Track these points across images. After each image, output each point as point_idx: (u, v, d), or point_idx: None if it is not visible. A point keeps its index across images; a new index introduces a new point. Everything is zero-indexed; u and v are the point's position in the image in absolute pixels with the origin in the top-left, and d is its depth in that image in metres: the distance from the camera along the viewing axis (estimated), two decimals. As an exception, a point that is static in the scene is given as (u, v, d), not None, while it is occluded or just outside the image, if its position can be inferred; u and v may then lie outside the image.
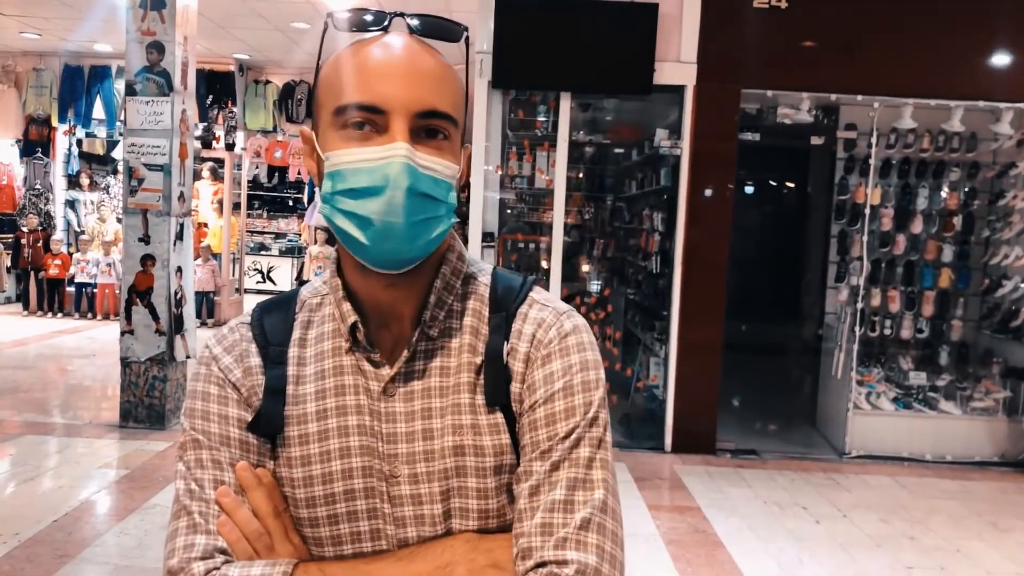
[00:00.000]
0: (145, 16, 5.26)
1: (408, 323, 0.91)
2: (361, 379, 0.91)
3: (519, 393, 0.89)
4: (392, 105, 0.82)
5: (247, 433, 0.90)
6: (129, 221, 5.41)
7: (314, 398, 0.91)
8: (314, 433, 0.90)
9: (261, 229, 12.00)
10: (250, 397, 0.91)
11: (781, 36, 5.35)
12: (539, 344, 0.89)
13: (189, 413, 0.92)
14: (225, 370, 0.92)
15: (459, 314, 0.92)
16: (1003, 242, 5.78)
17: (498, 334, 0.90)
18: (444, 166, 0.84)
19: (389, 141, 0.81)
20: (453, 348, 0.91)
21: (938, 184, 5.88)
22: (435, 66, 0.86)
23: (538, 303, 0.93)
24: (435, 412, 0.89)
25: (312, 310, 0.96)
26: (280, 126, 10.69)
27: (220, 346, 0.94)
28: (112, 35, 8.55)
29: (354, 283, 0.91)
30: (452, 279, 0.93)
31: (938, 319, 5.91)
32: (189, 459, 0.90)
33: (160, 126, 5.31)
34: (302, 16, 7.80)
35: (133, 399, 5.39)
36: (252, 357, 0.93)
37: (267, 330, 0.94)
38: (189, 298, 5.67)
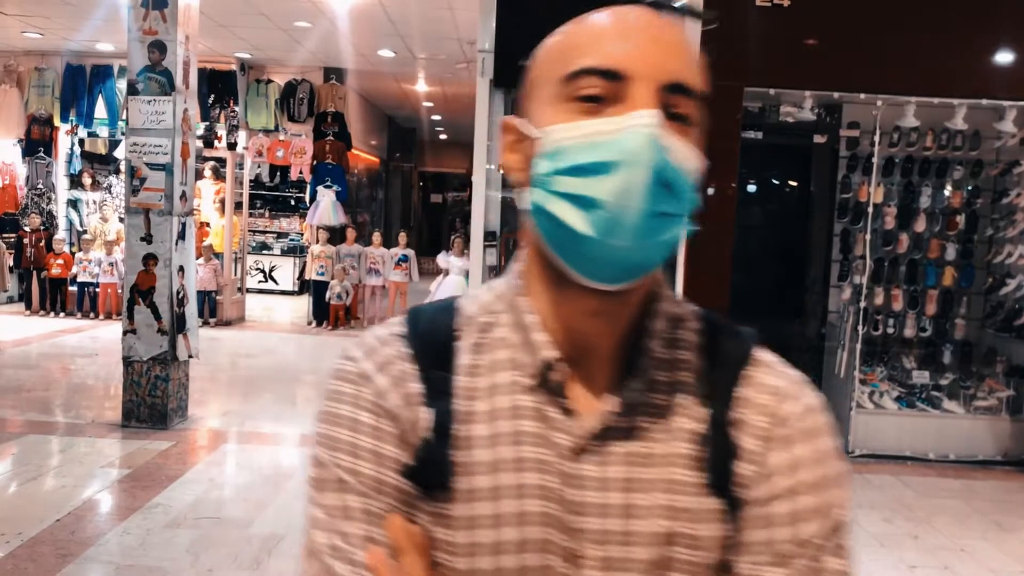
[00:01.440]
0: (147, 15, 5.26)
1: (605, 364, 0.74)
2: (545, 428, 0.73)
3: (748, 477, 0.72)
4: (636, 70, 0.66)
5: (404, 479, 0.73)
6: (131, 220, 5.41)
7: (486, 444, 0.73)
8: (484, 489, 0.72)
9: (263, 228, 12.01)
10: (408, 433, 0.73)
11: (784, 34, 5.34)
12: (777, 419, 0.73)
13: (330, 443, 0.73)
14: (379, 395, 0.74)
15: (668, 364, 0.75)
16: (1007, 240, 5.77)
17: (720, 398, 0.74)
18: (692, 156, 0.68)
19: (632, 109, 0.65)
20: (663, 407, 0.74)
21: (941, 183, 5.87)
22: (682, 35, 0.72)
23: (767, 365, 0.76)
24: (639, 485, 0.72)
25: (482, 330, 0.77)
26: (282, 125, 10.69)
27: (371, 361, 0.75)
28: (114, 34, 8.56)
29: (544, 305, 0.74)
30: (664, 320, 0.76)
31: (941, 318, 5.90)
32: (330, 504, 0.72)
33: (162, 125, 5.31)
34: (304, 15, 7.80)
35: (135, 398, 5.39)
36: (411, 382, 0.74)
37: (427, 348, 0.76)
38: (191, 297, 5.68)
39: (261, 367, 7.84)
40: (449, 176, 21.17)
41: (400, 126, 16.75)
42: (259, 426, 5.69)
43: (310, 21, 8.03)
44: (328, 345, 9.10)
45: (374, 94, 12.87)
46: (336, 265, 9.80)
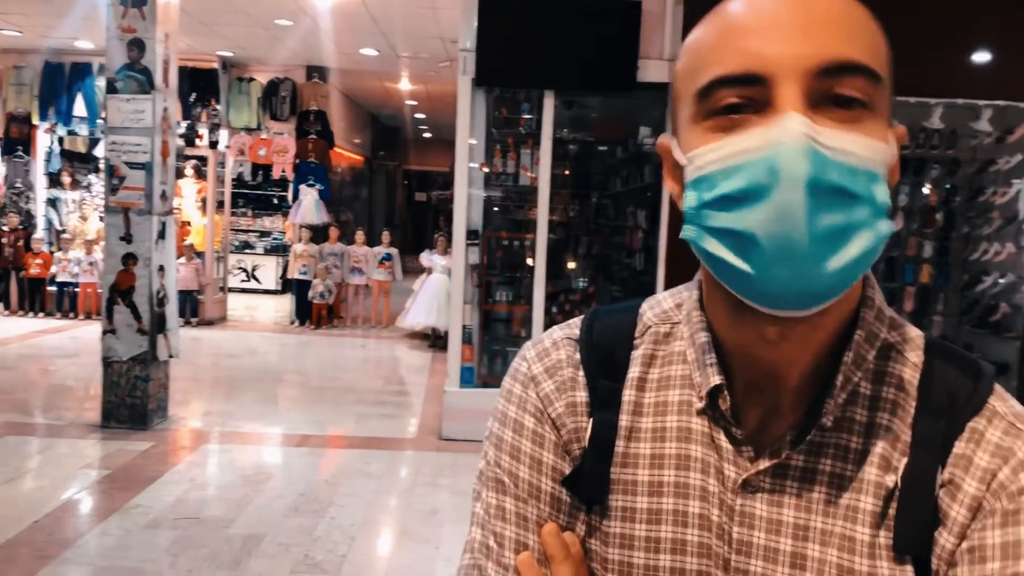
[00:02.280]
0: (126, 13, 5.22)
1: (789, 395, 0.65)
2: (713, 455, 0.67)
3: (951, 551, 0.61)
4: (774, 65, 0.57)
5: (562, 488, 0.71)
6: (110, 220, 5.37)
7: (648, 464, 0.69)
8: (643, 511, 0.68)
9: (245, 227, 11.93)
10: (569, 442, 0.71)
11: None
12: (1001, 489, 0.60)
13: (496, 442, 0.73)
14: (544, 400, 0.72)
15: (867, 402, 0.65)
16: (983, 238, 5.84)
17: (929, 451, 0.62)
18: (865, 146, 0.57)
19: (775, 117, 0.56)
20: (852, 451, 0.64)
21: (919, 181, 5.94)
22: (839, 5, 0.60)
23: (1004, 419, 0.63)
24: (814, 534, 0.64)
25: (658, 341, 0.72)
26: (264, 124, 10.64)
27: (541, 364, 0.73)
28: (93, 32, 8.48)
29: (721, 327, 0.67)
30: (865, 348, 0.65)
31: (919, 314, 5.96)
32: (490, 504, 0.71)
33: (142, 124, 5.28)
34: (286, 13, 7.76)
35: (115, 399, 5.36)
36: (579, 390, 0.72)
37: (599, 356, 0.72)
38: (172, 297, 5.64)
39: (243, 367, 7.81)
40: (433, 174, 21.14)
41: (384, 124, 16.71)
42: (240, 426, 5.67)
43: (292, 19, 8.00)
44: (311, 344, 9.08)
45: (357, 92, 12.83)
46: (319, 264, 9.78)
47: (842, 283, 0.58)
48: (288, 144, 10.49)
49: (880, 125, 0.60)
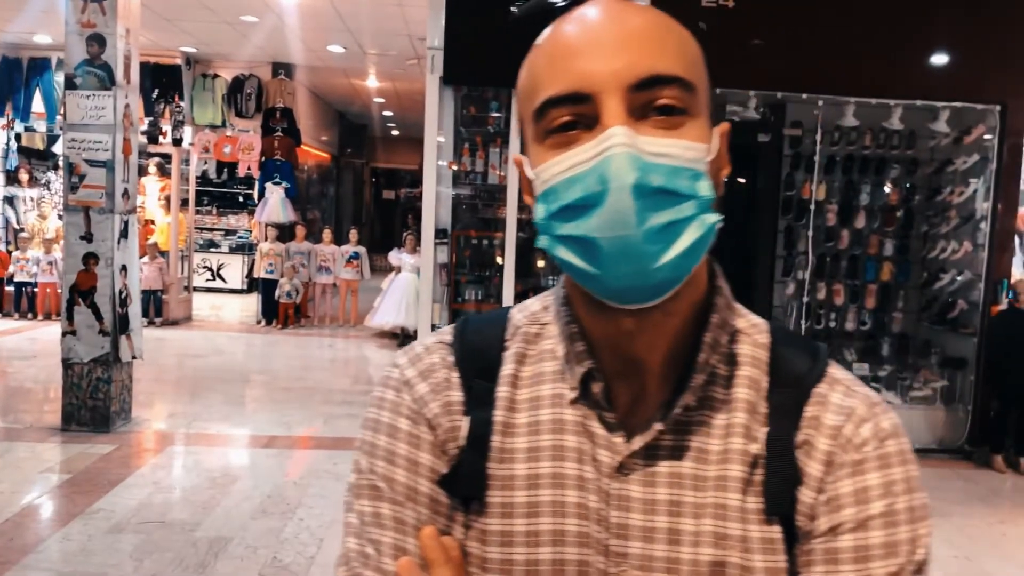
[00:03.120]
0: (85, 7, 5.12)
1: (654, 378, 0.70)
2: (587, 443, 0.70)
3: (811, 505, 0.67)
4: (596, 83, 0.62)
5: (439, 489, 0.71)
6: (70, 219, 5.26)
7: (525, 458, 0.71)
8: (521, 505, 0.70)
9: (211, 226, 11.77)
10: (446, 442, 0.72)
11: (728, 35, 5.43)
12: (848, 443, 0.67)
13: (369, 449, 0.72)
14: (419, 402, 0.73)
15: (725, 381, 0.70)
16: (941, 236, 5.98)
17: (785, 418, 0.68)
18: (684, 147, 0.62)
19: (602, 131, 0.62)
20: (717, 426, 0.69)
21: (880, 180, 6.06)
22: (648, 21, 0.65)
23: (842, 384, 0.70)
24: (687, 508, 0.67)
25: (528, 340, 0.75)
26: (229, 121, 10.50)
27: (414, 368, 0.75)
28: (52, 26, 8.30)
29: (586, 320, 0.71)
30: (720, 333, 0.71)
31: (881, 311, 6.09)
32: (364, 511, 0.71)
33: (102, 121, 5.18)
34: (250, 9, 7.67)
35: (76, 401, 5.25)
36: (453, 390, 0.73)
37: (472, 357, 0.74)
38: (135, 297, 5.55)
39: (208, 367, 7.70)
40: (401, 172, 21.03)
41: (351, 122, 16.58)
42: (206, 427, 5.60)
43: (257, 15, 7.90)
44: (278, 344, 8.99)
45: (324, 90, 12.72)
46: (285, 263, 9.68)
47: (679, 273, 0.63)
48: (254, 142, 10.37)
49: (700, 126, 0.65)
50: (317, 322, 10.19)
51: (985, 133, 5.70)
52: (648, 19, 0.66)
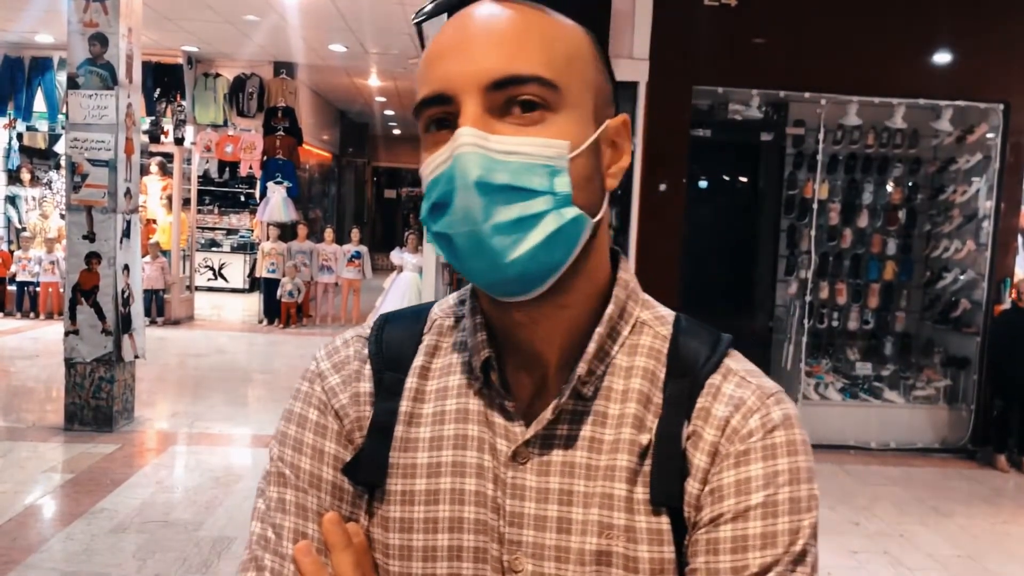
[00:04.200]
0: (87, 7, 5.12)
1: (553, 369, 0.71)
2: (488, 432, 0.71)
3: (697, 496, 0.67)
4: (456, 84, 0.64)
5: (343, 477, 0.73)
6: (73, 218, 5.26)
7: (427, 447, 0.72)
8: (421, 492, 0.71)
9: (212, 225, 11.79)
10: (352, 431, 0.74)
11: (731, 34, 5.43)
12: (734, 434, 0.67)
13: (280, 438, 0.75)
14: (329, 392, 0.74)
15: (623, 372, 0.71)
16: (943, 235, 5.97)
17: (676, 409, 0.69)
18: (538, 144, 0.63)
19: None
20: (611, 416, 0.69)
21: (882, 179, 6.05)
22: (513, 21, 0.66)
23: (736, 374, 0.70)
24: (577, 498, 0.68)
25: (442, 333, 0.77)
26: (231, 120, 10.50)
27: (329, 361, 0.76)
28: (54, 25, 8.30)
29: (489, 314, 0.72)
30: (619, 323, 0.72)
31: (883, 310, 6.08)
32: (271, 497, 0.72)
33: (104, 120, 5.18)
34: (253, 8, 7.66)
35: (79, 401, 5.25)
36: (363, 382, 0.75)
37: (386, 350, 0.76)
38: (137, 296, 5.55)
39: (211, 367, 7.71)
40: (403, 171, 21.02)
41: (353, 121, 16.58)
42: (208, 427, 5.60)
43: (259, 15, 7.90)
44: (280, 344, 8.99)
45: (326, 89, 12.71)
46: (287, 262, 9.68)
47: (539, 267, 0.64)
48: (255, 141, 10.36)
49: (566, 122, 0.65)
50: (319, 321, 10.19)
51: (988, 132, 5.69)
52: (515, 19, 0.66)
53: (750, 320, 7.05)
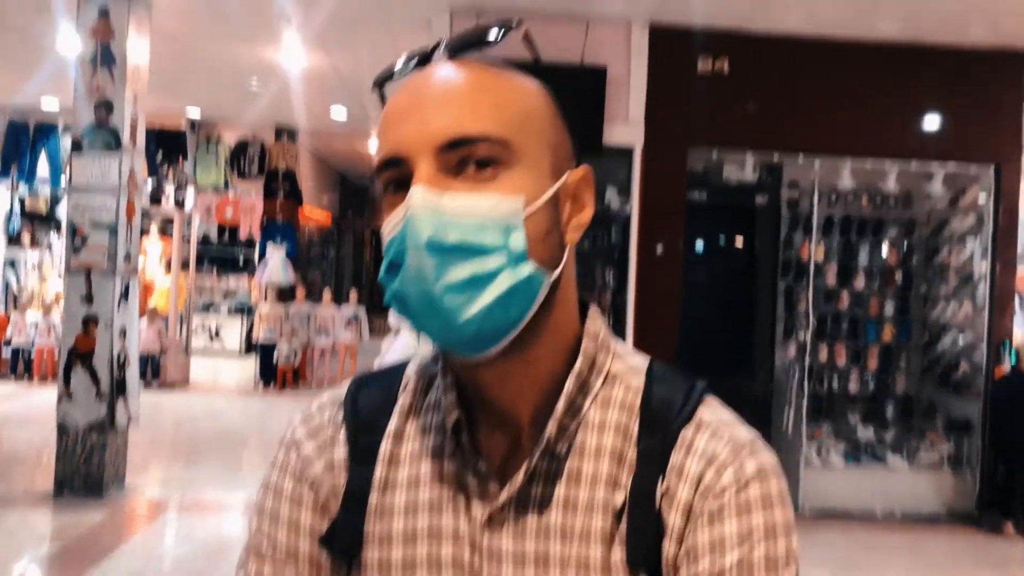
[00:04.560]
0: (95, 73, 5.22)
1: (526, 428, 0.69)
2: (462, 496, 0.69)
3: (674, 557, 0.65)
4: (408, 147, 0.64)
5: (320, 548, 0.72)
6: (71, 281, 5.26)
7: (403, 513, 0.70)
8: (398, 561, 0.69)
9: (210, 288, 11.80)
10: (328, 500, 0.72)
11: (724, 99, 5.54)
12: (707, 491, 0.65)
13: (258, 509, 0.74)
14: (304, 461, 0.73)
15: (596, 427, 0.69)
16: (940, 297, 5.98)
17: (650, 465, 0.67)
18: (493, 202, 0.63)
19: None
20: (585, 475, 0.68)
21: (878, 241, 6.09)
22: (463, 82, 0.66)
23: (709, 426, 0.68)
24: (554, 562, 0.66)
25: (416, 393, 0.75)
26: (232, 183, 10.61)
27: (304, 427, 0.75)
28: (60, 91, 8.45)
29: (458, 370, 0.71)
30: (589, 376, 0.70)
31: (883, 373, 6.04)
32: (250, 571, 0.72)
33: (107, 183, 5.23)
34: (256, 73, 7.83)
35: (69, 467, 5.15)
36: (338, 448, 0.73)
37: (361, 413, 0.74)
38: (133, 360, 5.51)
39: (205, 432, 7.60)
40: (401, 233, 21.14)
41: (353, 184, 16.78)
42: (201, 494, 5.49)
43: (262, 80, 8.06)
44: (275, 407, 8.89)
45: (326, 152, 12.90)
46: (285, 325, 9.65)
47: (495, 324, 0.63)
48: (256, 203, 10.46)
49: (520, 178, 0.65)
50: (315, 385, 10.11)
51: (980, 194, 5.76)
52: (467, 79, 0.66)
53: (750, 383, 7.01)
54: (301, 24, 5.74)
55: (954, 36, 5.37)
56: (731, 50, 5.48)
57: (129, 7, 5.22)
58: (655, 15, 5.37)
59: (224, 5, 5.45)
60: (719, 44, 5.48)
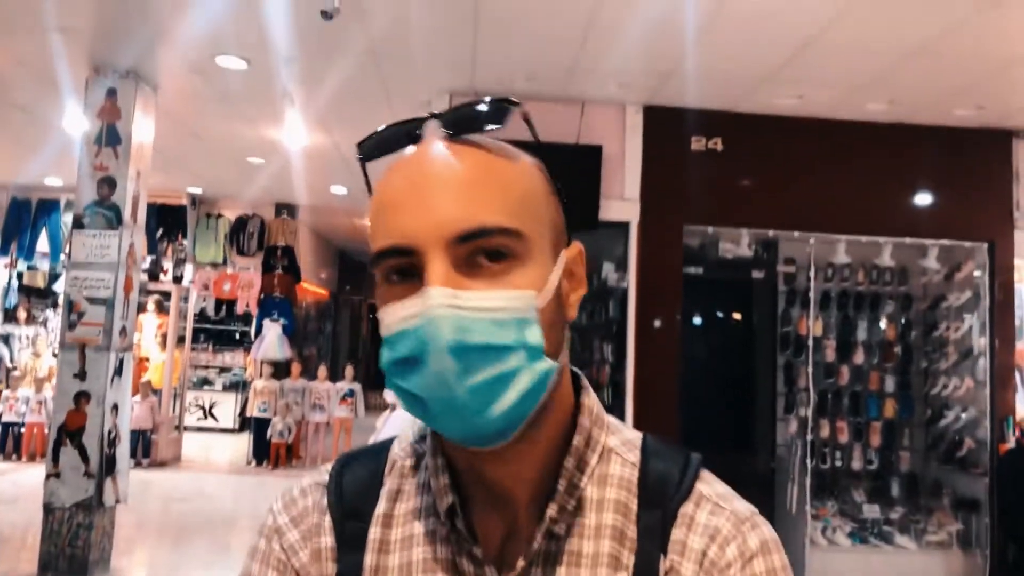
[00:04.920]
0: (99, 152, 5.30)
1: (523, 508, 0.68)
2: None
3: None
4: (419, 239, 0.61)
5: None
6: (65, 357, 5.21)
7: None
8: None
9: (205, 363, 11.71)
10: None
11: (719, 175, 5.63)
12: (712, 567, 0.65)
13: None
14: (288, 550, 0.70)
15: (595, 505, 0.68)
16: (941, 372, 5.94)
17: (651, 542, 0.66)
18: (508, 298, 0.61)
19: (424, 286, 0.61)
20: (586, 555, 0.66)
21: (875, 316, 6.09)
22: (471, 168, 0.64)
23: (709, 501, 0.68)
24: None
25: (404, 475, 0.73)
26: (231, 259, 10.67)
27: (287, 514, 0.73)
28: (63, 168, 8.58)
29: (454, 453, 0.69)
30: (586, 452, 0.69)
31: (886, 449, 5.95)
32: None
33: (106, 259, 5.24)
34: (257, 151, 7.96)
35: (54, 549, 5.00)
36: (324, 536, 0.71)
37: (346, 497, 0.72)
38: (124, 437, 5.41)
39: (194, 512, 7.41)
40: (398, 309, 21.18)
41: (351, 259, 16.88)
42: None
43: (264, 158, 8.20)
44: (268, 486, 8.69)
45: (325, 228, 13.03)
46: (279, 401, 9.54)
47: (514, 420, 0.62)
48: (253, 279, 10.49)
49: (531, 268, 0.63)
50: (309, 463, 9.92)
51: (975, 270, 5.79)
52: (469, 164, 0.64)
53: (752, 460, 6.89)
54: (303, 104, 5.88)
55: (941, 117, 5.50)
56: (724, 129, 5.61)
57: (136, 88, 5.35)
58: (649, 99, 5.51)
59: (227, 86, 5.59)
60: (712, 123, 5.61)
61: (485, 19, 4.29)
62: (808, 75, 4.86)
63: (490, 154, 0.65)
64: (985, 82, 4.82)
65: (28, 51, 5.10)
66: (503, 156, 0.66)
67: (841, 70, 4.78)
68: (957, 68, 4.63)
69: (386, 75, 5.25)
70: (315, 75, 5.28)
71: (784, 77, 4.92)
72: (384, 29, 4.47)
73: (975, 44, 4.26)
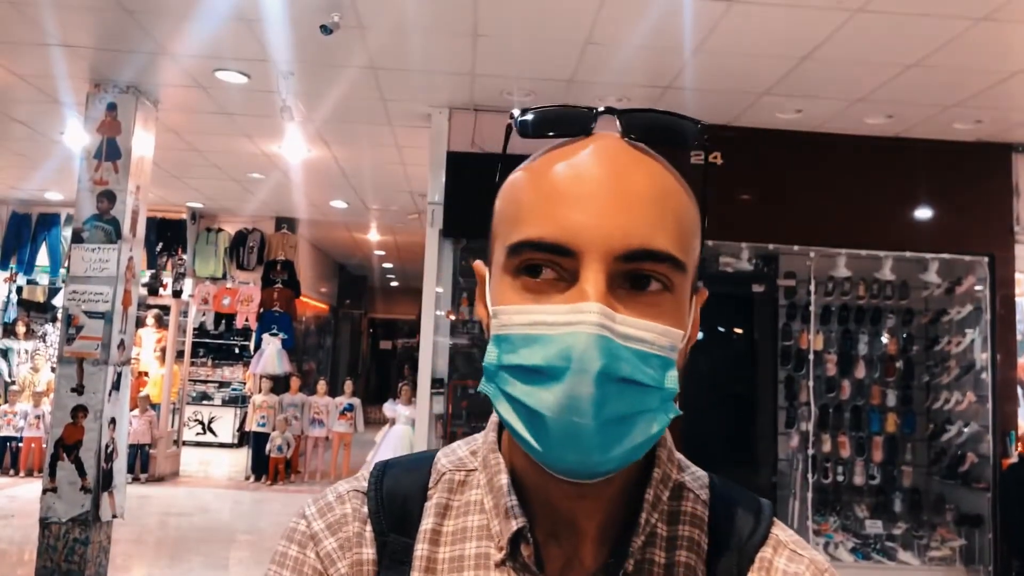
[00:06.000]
0: (99, 166, 5.31)
1: (590, 541, 0.64)
2: None
3: None
4: (583, 241, 0.57)
5: None
6: (63, 371, 5.19)
7: None
8: None
9: (204, 378, 11.68)
10: None
11: (718, 190, 5.63)
12: None
13: None
14: (326, 559, 0.66)
15: (664, 542, 0.64)
16: (943, 387, 5.92)
17: None
18: (660, 333, 0.57)
19: (578, 298, 0.56)
20: None
21: (876, 330, 6.07)
22: (654, 184, 0.60)
23: (787, 547, 0.66)
24: None
25: (452, 490, 0.68)
26: (230, 273, 10.66)
27: (323, 520, 0.68)
28: (64, 183, 8.60)
29: (521, 470, 0.65)
30: (661, 489, 0.66)
31: (888, 464, 5.92)
32: None
33: (105, 273, 5.23)
34: (257, 167, 7.97)
35: (50, 564, 4.96)
36: (365, 547, 0.66)
37: (389, 507, 0.67)
38: (121, 452, 5.38)
39: (192, 527, 7.36)
40: (399, 323, 21.18)
41: (351, 273, 16.88)
42: (185, 593, 5.26)
43: (264, 173, 8.21)
44: (266, 501, 8.65)
45: (325, 243, 13.03)
46: (278, 415, 9.50)
47: (627, 462, 0.58)
48: (253, 293, 10.48)
49: (679, 306, 0.60)
50: (308, 478, 9.87)
51: (976, 284, 5.78)
52: (653, 178, 0.60)
53: (753, 475, 6.84)
54: (303, 119, 5.89)
55: (941, 131, 5.51)
56: (724, 143, 5.61)
57: (136, 102, 5.36)
58: (648, 110, 5.52)
59: (227, 100, 5.61)
60: (712, 137, 5.61)
61: (484, 34, 4.31)
62: (807, 89, 4.87)
63: (671, 174, 0.62)
64: (984, 96, 4.83)
65: (29, 66, 5.11)
66: (679, 180, 0.63)
67: (840, 84, 4.79)
68: (956, 82, 4.64)
69: (385, 89, 5.27)
70: (315, 89, 5.30)
71: (783, 91, 4.93)
72: (383, 43, 4.49)
73: (974, 58, 4.27)
